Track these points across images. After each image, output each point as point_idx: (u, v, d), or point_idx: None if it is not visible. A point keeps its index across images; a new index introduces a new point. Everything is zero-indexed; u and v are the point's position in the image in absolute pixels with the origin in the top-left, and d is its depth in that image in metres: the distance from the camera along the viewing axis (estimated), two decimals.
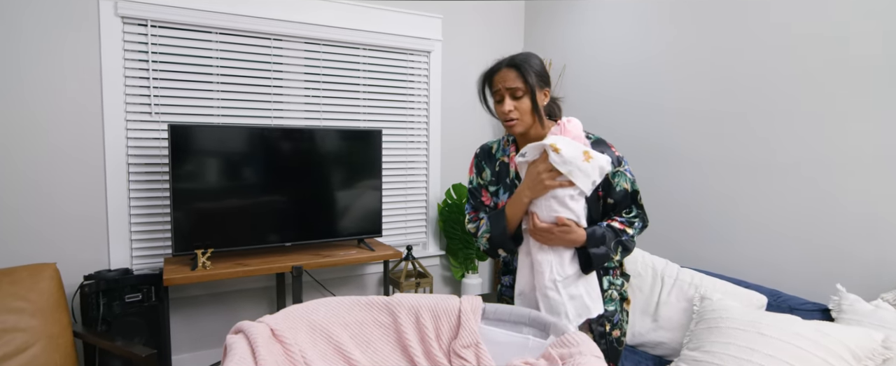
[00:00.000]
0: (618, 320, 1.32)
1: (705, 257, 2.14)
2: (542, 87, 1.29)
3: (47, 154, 2.00)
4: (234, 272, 2.05)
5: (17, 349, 1.60)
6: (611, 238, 1.25)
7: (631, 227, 1.29)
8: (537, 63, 1.30)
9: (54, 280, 1.74)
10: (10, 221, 1.94)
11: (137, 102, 2.17)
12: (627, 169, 1.30)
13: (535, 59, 1.30)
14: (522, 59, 1.28)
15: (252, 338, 1.04)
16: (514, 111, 1.27)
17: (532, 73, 1.26)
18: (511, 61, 1.28)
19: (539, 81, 1.27)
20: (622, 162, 1.29)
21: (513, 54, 1.32)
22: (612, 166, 1.26)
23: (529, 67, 1.26)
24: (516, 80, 1.26)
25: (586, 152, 1.19)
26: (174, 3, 2.19)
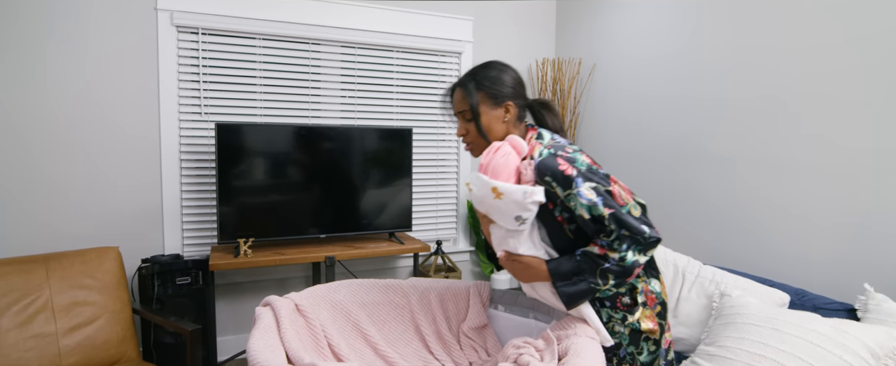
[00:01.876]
0: (625, 354, 1.16)
1: (731, 255, 2.11)
2: (499, 101, 1.18)
3: (112, 152, 2.23)
4: (272, 260, 2.21)
5: (87, 320, 1.81)
6: (589, 268, 1.07)
7: (614, 250, 1.06)
8: (492, 76, 1.19)
9: (117, 262, 1.95)
10: (81, 210, 2.18)
11: (189, 103, 2.38)
12: (580, 192, 1.05)
13: (491, 72, 1.20)
14: (468, 77, 1.20)
15: (277, 311, 1.16)
16: (467, 135, 1.21)
17: (476, 93, 1.17)
18: (458, 81, 1.23)
19: (490, 98, 1.17)
20: (574, 183, 1.06)
21: (469, 70, 1.23)
22: (562, 190, 1.07)
23: (474, 87, 1.18)
24: (462, 102, 1.20)
25: (495, 189, 1.06)
26: (223, 13, 2.38)
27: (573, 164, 1.08)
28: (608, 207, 1.06)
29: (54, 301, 1.77)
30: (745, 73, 2.05)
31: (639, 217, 1.08)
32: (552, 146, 1.13)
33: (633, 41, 2.62)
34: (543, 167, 1.08)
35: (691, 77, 2.29)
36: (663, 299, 1.20)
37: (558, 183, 1.08)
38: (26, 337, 1.69)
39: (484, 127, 1.19)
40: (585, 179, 1.07)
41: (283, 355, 1.02)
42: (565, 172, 1.07)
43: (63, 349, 1.73)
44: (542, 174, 1.09)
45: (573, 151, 1.13)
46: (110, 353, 1.82)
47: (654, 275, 1.21)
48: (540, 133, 1.20)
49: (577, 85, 3.01)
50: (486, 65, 1.23)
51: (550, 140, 1.17)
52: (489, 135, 1.19)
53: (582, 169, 1.08)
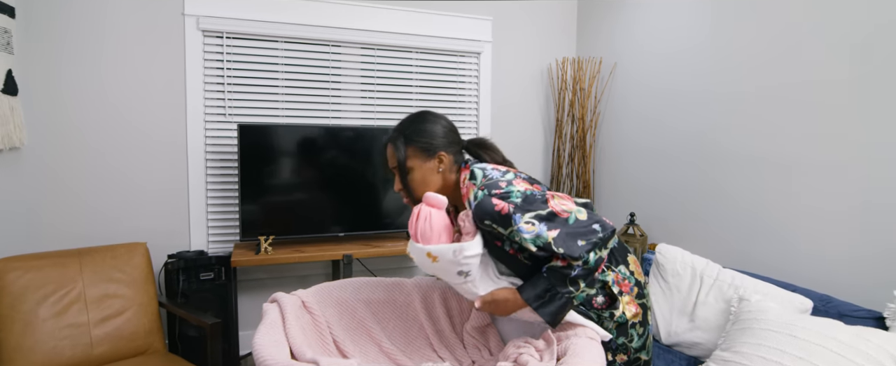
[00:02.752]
0: (617, 346, 1.19)
1: (754, 258, 2.04)
2: (431, 153, 1.19)
3: (142, 152, 2.34)
4: (292, 258, 2.27)
5: (116, 312, 1.91)
6: (558, 280, 1.05)
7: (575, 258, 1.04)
8: (421, 129, 1.20)
9: (145, 257, 2.04)
10: (112, 207, 2.30)
11: (214, 105, 2.47)
12: (520, 228, 1.03)
13: (420, 125, 1.21)
14: (397, 133, 1.22)
15: (284, 307, 1.19)
16: (403, 190, 1.23)
17: (404, 148, 1.19)
18: (389, 138, 1.24)
19: (422, 151, 1.19)
20: (513, 220, 1.04)
21: (398, 123, 1.25)
22: (504, 229, 1.05)
23: (403, 142, 1.20)
24: (392, 158, 1.23)
25: (429, 254, 1.08)
26: (246, 17, 2.46)
27: (508, 199, 1.06)
28: (552, 230, 1.03)
29: (87, 293, 1.87)
30: (768, 68, 1.98)
31: (585, 220, 1.05)
32: (485, 186, 1.10)
33: (655, 38, 2.56)
34: (480, 212, 1.07)
35: (713, 73, 2.23)
36: (637, 279, 1.22)
37: (498, 224, 1.06)
38: (61, 326, 1.79)
39: (418, 181, 1.20)
40: (523, 212, 1.04)
41: (287, 350, 1.06)
42: (502, 211, 1.05)
43: (94, 339, 1.83)
44: (481, 219, 1.07)
45: (506, 183, 1.10)
46: (138, 344, 1.91)
47: (620, 260, 1.21)
48: (472, 172, 1.16)
49: (597, 84, 2.96)
50: (414, 118, 1.24)
51: (482, 178, 1.13)
52: (426, 186, 1.20)
53: (518, 202, 1.05)
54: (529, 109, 3.13)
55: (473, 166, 1.17)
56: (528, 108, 3.12)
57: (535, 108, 3.14)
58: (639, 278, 1.23)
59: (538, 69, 3.12)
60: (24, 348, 1.70)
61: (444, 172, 1.20)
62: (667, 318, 1.88)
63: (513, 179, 1.12)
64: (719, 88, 2.20)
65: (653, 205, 2.59)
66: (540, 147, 3.17)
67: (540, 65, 3.12)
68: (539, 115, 3.15)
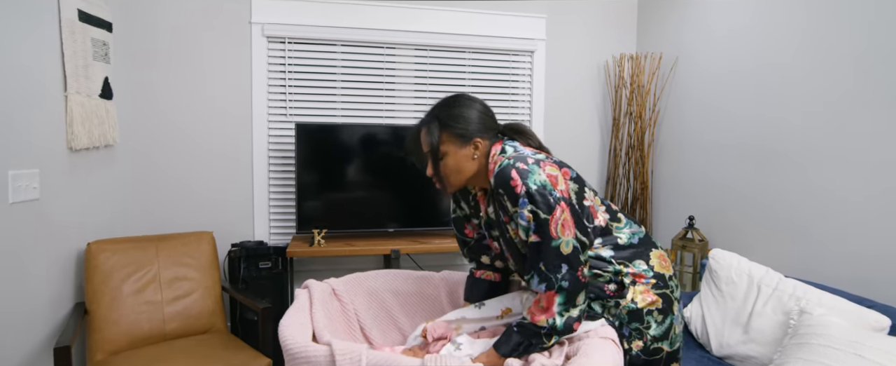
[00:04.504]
0: (629, 331, 1.13)
1: (829, 270, 1.85)
2: (466, 140, 1.15)
3: (211, 149, 2.56)
4: (343, 251, 2.38)
5: (185, 293, 2.11)
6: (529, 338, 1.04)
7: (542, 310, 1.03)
8: (456, 113, 1.15)
9: (211, 245, 2.24)
10: (184, 200, 2.54)
11: (277, 106, 2.65)
12: (521, 214, 1.03)
13: (455, 110, 1.16)
14: (431, 117, 1.17)
15: (313, 293, 1.27)
16: (435, 176, 1.19)
17: (438, 133, 1.14)
18: (423, 121, 1.19)
19: (457, 137, 1.14)
20: (520, 202, 1.03)
21: (433, 107, 1.19)
22: (511, 205, 1.05)
23: (437, 127, 1.15)
24: (426, 146, 1.18)
25: None
26: (307, 23, 2.62)
27: (525, 179, 1.04)
28: (536, 235, 1.02)
29: (161, 275, 2.09)
30: (848, 62, 1.78)
31: (566, 255, 1.02)
32: (513, 157, 1.08)
33: (721, 30, 2.40)
34: (499, 179, 1.06)
35: (785, 67, 2.04)
36: (658, 272, 1.16)
37: (508, 197, 1.05)
38: (140, 302, 2.01)
39: (451, 167, 1.16)
40: (529, 201, 1.02)
41: (309, 332, 1.12)
42: (515, 188, 1.04)
43: (166, 315, 2.04)
44: (497, 185, 1.06)
45: (534, 162, 1.07)
46: (202, 323, 2.10)
47: (639, 256, 1.16)
48: (504, 148, 1.16)
49: (657, 80, 2.82)
50: (449, 102, 1.18)
51: (513, 152, 1.12)
52: (459, 174, 1.17)
53: (531, 188, 1.03)
54: (584, 108, 3.04)
55: (506, 143, 1.17)
56: (583, 106, 3.04)
57: (591, 106, 3.05)
58: (662, 271, 1.17)
59: (594, 66, 3.02)
60: (111, 320, 1.93)
61: (480, 158, 1.16)
62: (718, 328, 1.76)
63: (542, 161, 1.08)
64: (791, 83, 2.02)
65: (715, 208, 2.42)
66: (596, 146, 3.07)
67: (596, 62, 3.02)
68: (595, 113, 3.06)
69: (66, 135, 1.91)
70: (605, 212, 1.18)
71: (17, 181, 1.63)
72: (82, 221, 2.04)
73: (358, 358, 0.95)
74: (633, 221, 1.23)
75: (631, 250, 1.16)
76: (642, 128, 2.81)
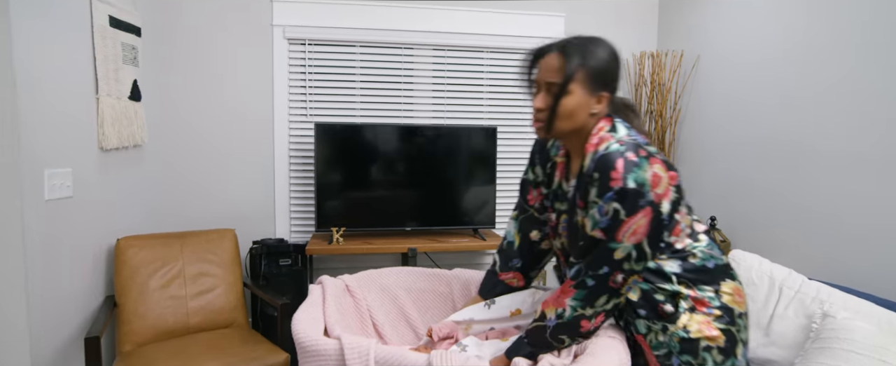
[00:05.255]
0: (679, 363, 1.03)
1: (857, 273, 1.78)
2: (597, 89, 1.02)
3: (234, 149, 2.64)
4: (361, 249, 2.42)
5: (208, 288, 2.17)
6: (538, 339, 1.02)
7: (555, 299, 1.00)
8: (602, 57, 1.02)
9: (233, 242, 2.30)
10: (208, 198, 2.62)
11: (297, 106, 2.70)
12: (601, 206, 0.96)
13: (601, 52, 1.02)
14: (574, 48, 1.00)
15: (326, 289, 1.30)
16: (544, 111, 1.04)
17: (578, 70, 0.99)
18: (562, 45, 1.02)
19: (591, 81, 1.01)
20: (606, 195, 0.95)
21: (573, 37, 1.04)
22: (596, 193, 0.98)
23: (579, 62, 0.99)
24: (556, 72, 1.01)
25: None
26: (326, 25, 2.66)
27: (627, 174, 0.94)
28: (602, 232, 0.97)
29: (185, 270, 2.16)
30: (872, 56, 1.72)
31: (615, 259, 0.96)
32: (625, 143, 0.98)
33: (745, 28, 2.34)
34: (600, 162, 0.96)
35: (809, 63, 1.98)
36: (727, 305, 1.05)
37: (598, 185, 0.97)
38: (165, 297, 2.08)
39: (568, 109, 1.01)
40: (618, 199, 0.94)
41: (321, 326, 1.15)
42: (613, 180, 0.94)
43: (190, 310, 2.11)
44: (594, 168, 0.97)
45: (645, 155, 0.97)
46: (225, 317, 2.17)
47: (707, 281, 1.06)
48: (614, 126, 1.05)
49: (678, 78, 2.77)
50: (595, 40, 1.03)
51: (626, 135, 1.02)
52: (571, 120, 1.02)
53: (629, 186, 0.93)
54: None
55: (618, 121, 1.06)
56: None
57: None
58: (732, 306, 1.06)
59: None
60: (138, 313, 2.01)
61: (596, 116, 1.04)
62: None
63: (653, 156, 0.98)
64: (818, 79, 1.96)
65: (737, 208, 2.37)
66: None
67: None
68: None
69: (97, 135, 1.99)
70: (687, 237, 1.07)
71: (52, 179, 1.72)
72: (112, 217, 2.13)
73: (366, 353, 0.97)
74: (715, 245, 1.13)
75: (700, 273, 1.06)
76: (663, 127, 2.76)
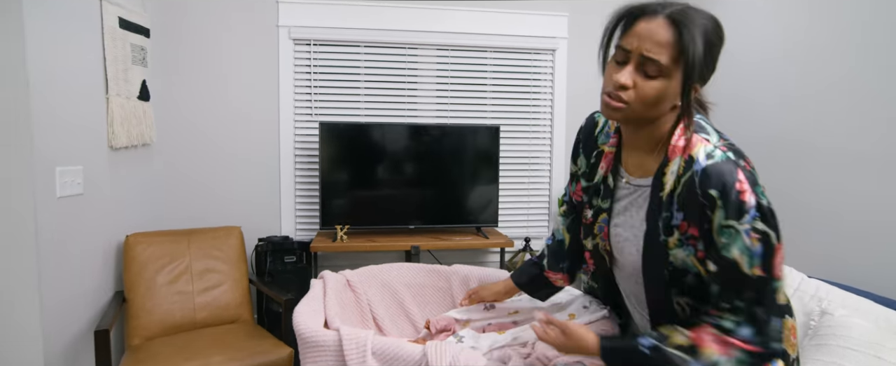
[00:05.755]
0: None
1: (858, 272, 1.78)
2: (697, 78, 0.84)
3: (241, 148, 2.68)
4: (364, 246, 2.45)
5: (214, 284, 2.22)
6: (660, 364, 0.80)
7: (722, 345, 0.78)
8: (716, 42, 0.84)
9: (239, 239, 2.34)
10: (215, 196, 2.66)
11: (302, 106, 2.74)
12: (747, 231, 0.77)
13: (715, 37, 0.84)
14: (697, 25, 0.80)
15: (327, 283, 1.33)
16: (632, 91, 0.84)
17: (698, 53, 0.79)
18: (675, 14, 0.81)
19: (702, 62, 0.81)
20: (747, 217, 0.77)
21: (678, 3, 0.84)
22: (724, 216, 0.78)
23: (703, 43, 0.80)
24: (664, 50, 0.80)
25: None
26: (331, 25, 2.70)
27: (755, 186, 0.79)
28: (762, 270, 0.77)
29: (192, 267, 2.20)
30: (871, 55, 1.72)
31: (783, 305, 0.80)
32: (729, 146, 0.83)
33: (743, 26, 2.34)
34: (715, 175, 0.79)
35: (808, 62, 1.98)
36: (787, 352, 0.89)
37: (726, 205, 0.78)
38: (173, 292, 2.13)
39: (656, 92, 0.83)
40: (762, 218, 0.77)
41: (322, 319, 1.18)
42: (741, 195, 0.77)
43: (197, 305, 2.15)
44: (707, 185, 0.79)
45: (751, 166, 0.83)
46: (230, 313, 2.21)
47: None
48: (701, 124, 0.89)
49: None
50: (706, 15, 0.84)
51: (719, 139, 0.86)
52: (655, 107, 0.85)
53: (763, 202, 0.78)
54: None
55: (700, 117, 0.91)
56: None
57: None
58: (789, 351, 0.90)
59: None
60: (146, 308, 2.05)
61: (676, 111, 0.88)
62: None
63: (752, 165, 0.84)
64: (816, 80, 1.96)
65: None
66: None
67: None
68: None
69: (107, 134, 2.04)
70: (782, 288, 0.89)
71: (64, 177, 1.76)
72: (121, 214, 2.17)
73: (364, 344, 1.00)
74: None
75: None
76: None
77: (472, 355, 0.95)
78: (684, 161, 0.85)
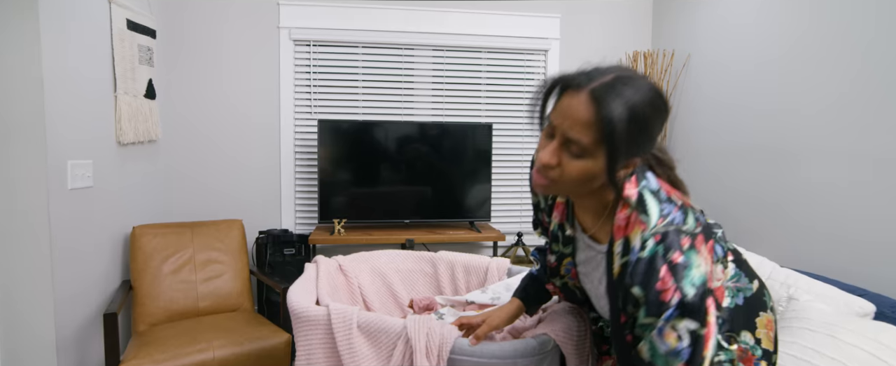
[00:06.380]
0: None
1: (837, 265, 1.87)
2: (630, 154, 0.78)
3: (243, 145, 2.78)
4: (361, 239, 2.54)
5: (216, 274, 2.31)
6: None
7: None
8: (645, 114, 0.75)
9: (240, 231, 2.44)
10: (218, 190, 2.76)
11: (302, 105, 2.84)
12: (661, 330, 0.74)
13: (646, 106, 0.75)
14: (617, 94, 0.74)
15: (320, 267, 1.42)
16: (558, 169, 0.80)
17: (621, 131, 0.73)
18: (597, 90, 0.75)
19: (626, 146, 0.75)
20: (665, 316, 0.74)
21: (608, 73, 0.77)
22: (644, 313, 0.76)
23: (626, 120, 0.73)
24: (585, 130, 0.75)
25: None
26: (330, 26, 2.80)
27: (680, 280, 0.73)
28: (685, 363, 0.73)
29: (195, 257, 2.30)
30: (860, 56, 1.80)
31: None
32: (663, 237, 0.76)
33: (735, 27, 2.42)
34: (640, 273, 0.75)
35: (796, 62, 2.07)
36: (765, 349, 0.90)
37: (646, 304, 0.75)
38: (177, 281, 2.23)
39: (587, 176, 0.79)
40: (683, 315, 0.73)
41: (314, 298, 1.27)
42: (663, 295, 0.73)
43: (199, 294, 2.25)
44: (632, 282, 0.76)
45: (689, 243, 0.76)
46: (232, 302, 2.30)
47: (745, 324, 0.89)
48: (640, 198, 0.81)
49: (669, 77, 2.86)
50: (639, 85, 0.76)
51: (659, 219, 0.78)
52: (585, 188, 0.82)
53: (688, 294, 0.73)
54: None
55: (643, 186, 0.82)
56: None
57: None
58: (768, 347, 0.90)
59: None
60: (152, 295, 2.16)
61: (611, 188, 0.83)
62: None
63: (698, 237, 0.78)
64: (798, 80, 2.04)
65: (726, 205, 2.45)
66: None
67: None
68: None
69: (115, 130, 2.14)
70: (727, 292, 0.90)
71: (75, 170, 1.87)
72: (128, 207, 2.28)
73: (350, 317, 1.09)
74: (742, 270, 0.95)
75: (735, 317, 0.88)
76: None
77: (448, 327, 1.04)
78: (623, 244, 0.80)
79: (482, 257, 1.52)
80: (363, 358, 1.06)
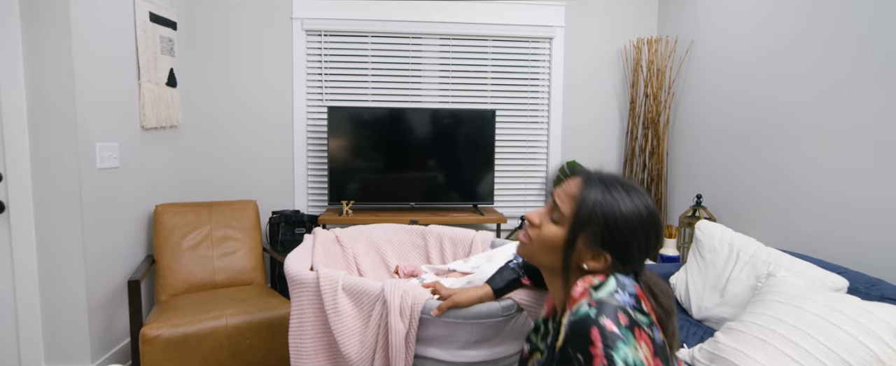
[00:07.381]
0: None
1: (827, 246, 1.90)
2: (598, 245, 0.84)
3: (259, 130, 2.93)
4: (368, 220, 2.66)
5: (231, 251, 2.48)
6: None
7: None
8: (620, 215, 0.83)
9: (255, 211, 2.60)
10: (234, 173, 2.93)
11: (314, 92, 2.98)
12: None
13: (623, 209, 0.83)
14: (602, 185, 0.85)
15: (317, 238, 1.55)
16: (536, 230, 0.90)
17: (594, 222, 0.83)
18: (591, 177, 0.87)
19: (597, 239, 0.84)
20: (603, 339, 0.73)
21: (616, 178, 0.87)
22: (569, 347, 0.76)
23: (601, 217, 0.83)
24: (568, 201, 0.86)
25: None
26: (341, 17, 2.92)
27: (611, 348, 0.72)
28: None
29: (212, 235, 2.47)
30: (860, 42, 1.82)
31: None
32: (599, 303, 0.77)
33: (737, 13, 2.44)
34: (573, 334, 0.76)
35: (797, 49, 2.09)
36: None
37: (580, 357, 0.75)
38: (195, 257, 2.40)
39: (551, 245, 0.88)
40: None
41: (308, 264, 1.40)
42: (593, 357, 0.73)
43: (216, 268, 2.42)
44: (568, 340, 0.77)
45: (627, 323, 0.75)
46: (246, 277, 2.47)
47: None
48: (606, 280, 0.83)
49: (672, 63, 2.88)
50: (628, 190, 0.86)
51: (609, 294, 0.80)
52: (549, 257, 0.89)
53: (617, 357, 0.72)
54: (603, 92, 3.14)
55: (614, 276, 0.84)
56: (601, 90, 3.14)
57: (608, 90, 3.15)
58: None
59: (612, 51, 3.12)
60: (172, 269, 2.33)
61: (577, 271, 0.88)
62: (699, 293, 1.87)
63: (639, 327, 0.76)
64: (793, 67, 2.06)
65: (724, 187, 2.48)
66: (614, 128, 3.17)
67: (614, 47, 3.11)
68: (613, 96, 3.15)
69: (139, 116, 2.32)
70: None
71: (103, 151, 2.04)
72: (151, 186, 2.46)
73: (336, 281, 1.21)
74: None
75: None
76: (658, 110, 2.88)
77: (421, 289, 1.15)
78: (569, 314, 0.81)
79: (468, 231, 1.62)
80: (346, 317, 1.18)
